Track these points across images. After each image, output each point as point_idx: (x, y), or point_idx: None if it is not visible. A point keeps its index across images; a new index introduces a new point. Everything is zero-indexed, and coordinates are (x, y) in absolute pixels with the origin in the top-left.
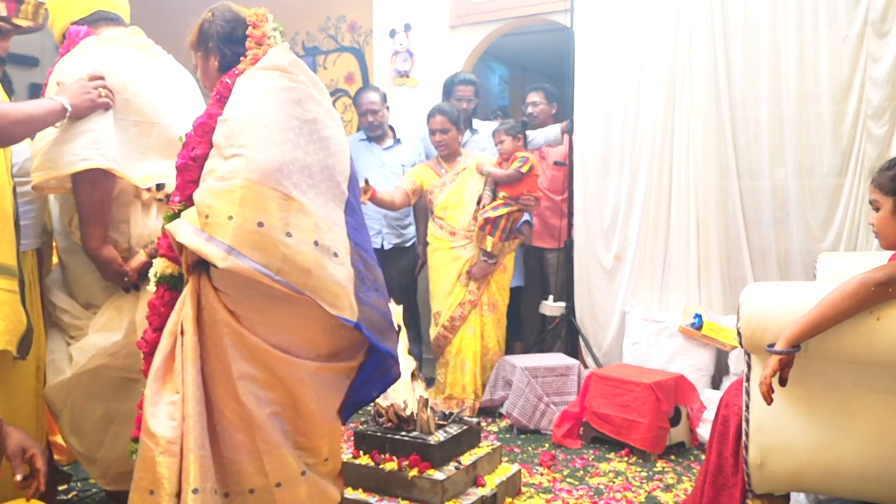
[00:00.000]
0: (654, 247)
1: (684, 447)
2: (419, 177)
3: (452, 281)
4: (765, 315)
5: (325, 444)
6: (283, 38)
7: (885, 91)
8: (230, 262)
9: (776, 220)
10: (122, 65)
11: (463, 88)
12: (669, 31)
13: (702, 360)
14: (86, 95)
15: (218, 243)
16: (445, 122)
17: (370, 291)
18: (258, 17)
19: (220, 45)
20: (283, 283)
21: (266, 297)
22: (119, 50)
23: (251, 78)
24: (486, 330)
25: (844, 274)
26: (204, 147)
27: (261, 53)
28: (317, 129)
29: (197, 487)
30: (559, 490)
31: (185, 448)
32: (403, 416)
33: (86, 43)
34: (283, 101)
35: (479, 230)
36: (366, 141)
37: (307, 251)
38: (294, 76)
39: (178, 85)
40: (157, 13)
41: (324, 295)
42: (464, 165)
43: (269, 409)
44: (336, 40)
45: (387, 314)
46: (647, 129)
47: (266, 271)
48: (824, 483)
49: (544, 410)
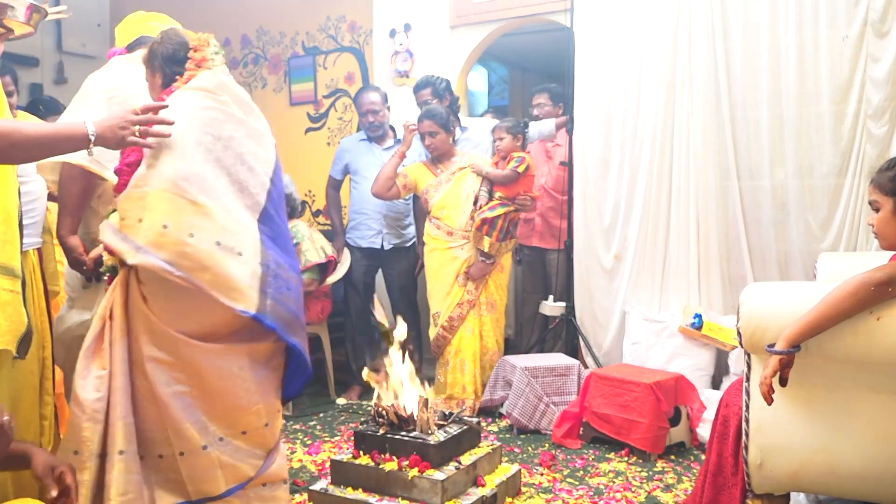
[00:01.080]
0: (654, 247)
1: (684, 447)
2: (413, 174)
3: (450, 281)
4: (765, 315)
5: (240, 418)
6: (224, 61)
7: (885, 91)
8: (138, 259)
9: (776, 220)
10: (131, 77)
11: (421, 93)
12: (669, 32)
13: (702, 360)
14: (121, 130)
15: (130, 242)
16: (433, 125)
17: (283, 290)
18: (199, 42)
19: (163, 64)
20: (182, 276)
21: (174, 289)
22: (135, 66)
23: (178, 96)
24: (485, 330)
25: (844, 274)
26: (137, 155)
27: (197, 74)
28: (232, 146)
29: (123, 449)
30: (559, 490)
31: (113, 416)
32: (403, 416)
33: (112, 60)
34: (199, 119)
35: (476, 231)
36: (366, 141)
37: (207, 249)
38: (217, 97)
39: None
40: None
41: (220, 288)
42: (460, 165)
43: (174, 388)
44: (336, 40)
45: (297, 312)
46: (647, 129)
47: (168, 267)
48: (824, 483)
49: (544, 410)
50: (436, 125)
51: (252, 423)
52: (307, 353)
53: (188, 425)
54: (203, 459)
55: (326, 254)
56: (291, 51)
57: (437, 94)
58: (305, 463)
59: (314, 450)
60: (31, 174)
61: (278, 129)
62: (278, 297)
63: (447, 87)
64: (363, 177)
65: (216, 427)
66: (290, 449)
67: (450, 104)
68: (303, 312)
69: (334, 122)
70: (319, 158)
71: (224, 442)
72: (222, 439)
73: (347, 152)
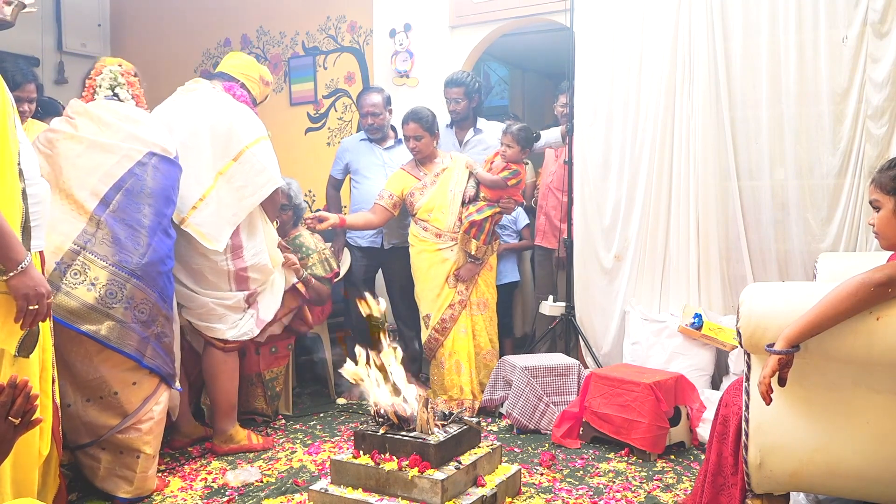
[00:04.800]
0: (654, 247)
1: (684, 447)
2: (397, 186)
3: (441, 283)
4: (764, 315)
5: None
6: (108, 90)
7: (884, 91)
8: None
9: (776, 220)
10: (164, 105)
11: (451, 91)
12: (669, 32)
13: (702, 360)
14: (35, 295)
15: None
16: (418, 128)
17: (79, 284)
18: (96, 70)
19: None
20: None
21: None
22: (175, 95)
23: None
24: (478, 329)
25: (844, 274)
26: None
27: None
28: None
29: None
30: (559, 490)
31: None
32: (403, 416)
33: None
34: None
35: (463, 234)
36: (367, 141)
37: None
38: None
39: (182, 113)
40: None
41: None
42: (443, 167)
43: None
44: (336, 40)
45: (94, 305)
46: (647, 129)
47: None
48: (824, 483)
49: (544, 410)
50: (421, 129)
51: (101, 390)
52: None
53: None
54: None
55: (332, 268)
56: (291, 51)
57: (468, 95)
58: (305, 463)
59: (314, 450)
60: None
61: (278, 129)
62: (70, 291)
63: (479, 88)
64: (364, 177)
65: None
66: (291, 449)
67: (476, 105)
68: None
69: (334, 122)
70: (319, 158)
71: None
72: (88, 400)
73: (348, 152)
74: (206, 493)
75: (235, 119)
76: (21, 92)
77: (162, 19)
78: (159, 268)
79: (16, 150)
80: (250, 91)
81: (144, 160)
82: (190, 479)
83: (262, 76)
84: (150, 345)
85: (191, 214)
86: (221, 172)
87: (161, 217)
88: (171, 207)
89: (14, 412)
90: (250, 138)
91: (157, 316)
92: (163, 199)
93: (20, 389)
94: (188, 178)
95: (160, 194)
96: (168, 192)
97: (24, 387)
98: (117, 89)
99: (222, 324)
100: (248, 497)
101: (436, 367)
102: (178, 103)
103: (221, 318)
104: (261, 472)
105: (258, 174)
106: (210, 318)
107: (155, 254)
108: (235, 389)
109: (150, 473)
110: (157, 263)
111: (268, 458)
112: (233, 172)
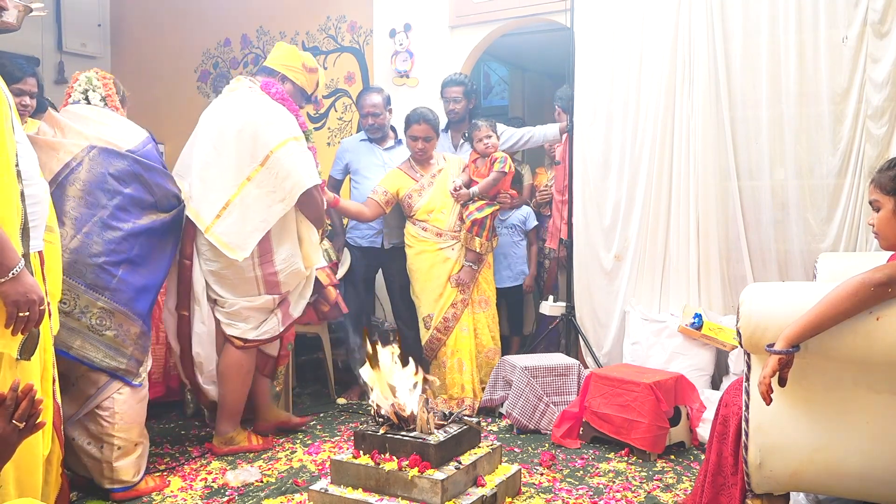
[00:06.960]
0: (654, 247)
1: (684, 447)
2: (393, 185)
3: (443, 282)
4: (764, 315)
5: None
6: (81, 95)
7: (884, 92)
8: None
9: (776, 220)
10: (208, 109)
11: (450, 90)
12: (669, 32)
13: (702, 360)
14: (25, 301)
15: None
16: (429, 129)
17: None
18: (73, 78)
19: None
20: None
21: None
22: (220, 96)
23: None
24: (479, 327)
25: (844, 274)
26: None
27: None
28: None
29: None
30: (559, 490)
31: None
32: (403, 415)
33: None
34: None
35: (466, 232)
36: (367, 141)
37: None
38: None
39: (214, 117)
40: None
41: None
42: (439, 167)
43: None
44: (336, 40)
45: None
46: (647, 129)
47: None
48: (824, 483)
49: (544, 410)
50: (431, 130)
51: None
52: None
53: None
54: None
55: (331, 258)
56: None
57: (467, 94)
58: (305, 463)
59: (314, 450)
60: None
61: None
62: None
63: (475, 89)
64: (364, 177)
65: None
66: (291, 449)
67: (473, 108)
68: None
69: (334, 122)
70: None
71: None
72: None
73: (348, 152)
74: (206, 493)
75: (262, 122)
76: (23, 85)
77: (162, 19)
78: (88, 260)
79: (13, 152)
80: (294, 82)
81: (81, 154)
82: (190, 479)
83: (304, 63)
84: (79, 337)
85: (214, 223)
86: (250, 178)
87: (97, 209)
88: (119, 198)
89: (18, 416)
90: (276, 141)
91: (89, 307)
92: (101, 190)
93: (24, 393)
94: (213, 183)
95: (97, 186)
96: (109, 184)
97: (28, 391)
98: (89, 93)
99: (246, 323)
100: (248, 497)
101: (437, 367)
102: (217, 106)
103: (247, 318)
104: (261, 472)
105: (285, 179)
106: (235, 318)
107: (83, 246)
108: (245, 394)
109: (123, 465)
110: (86, 256)
111: (268, 458)
112: (261, 178)
